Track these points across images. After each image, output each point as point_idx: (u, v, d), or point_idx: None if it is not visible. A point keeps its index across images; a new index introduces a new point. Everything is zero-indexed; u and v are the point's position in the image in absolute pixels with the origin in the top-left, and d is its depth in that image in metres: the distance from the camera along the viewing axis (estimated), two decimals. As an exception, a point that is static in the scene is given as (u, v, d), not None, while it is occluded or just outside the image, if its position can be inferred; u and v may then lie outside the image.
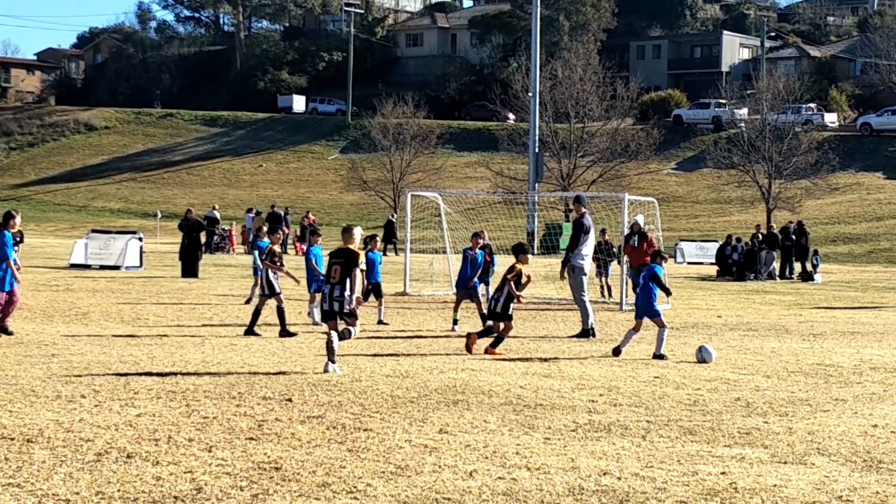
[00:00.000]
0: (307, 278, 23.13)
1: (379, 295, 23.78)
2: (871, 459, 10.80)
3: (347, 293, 15.72)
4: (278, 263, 21.30)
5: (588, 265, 22.53)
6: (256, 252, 26.00)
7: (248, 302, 26.92)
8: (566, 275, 22.69)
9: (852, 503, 9.19)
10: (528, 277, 19.25)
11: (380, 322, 23.35)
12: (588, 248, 22.77)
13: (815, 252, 52.26)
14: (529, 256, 19.53)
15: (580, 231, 22.58)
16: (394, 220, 63.14)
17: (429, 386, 14.56)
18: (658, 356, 18.18)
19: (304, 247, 63.45)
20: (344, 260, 15.91)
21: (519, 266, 19.12)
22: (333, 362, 15.71)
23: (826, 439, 11.70)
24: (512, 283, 18.84)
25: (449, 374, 15.68)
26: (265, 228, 28.26)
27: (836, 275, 49.27)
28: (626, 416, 12.80)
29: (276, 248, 21.92)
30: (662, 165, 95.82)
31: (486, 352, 18.46)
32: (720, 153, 78.94)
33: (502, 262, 27.28)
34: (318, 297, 22.16)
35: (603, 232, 33.66)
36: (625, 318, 26.68)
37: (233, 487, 9.13)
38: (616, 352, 18.50)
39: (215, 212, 61.17)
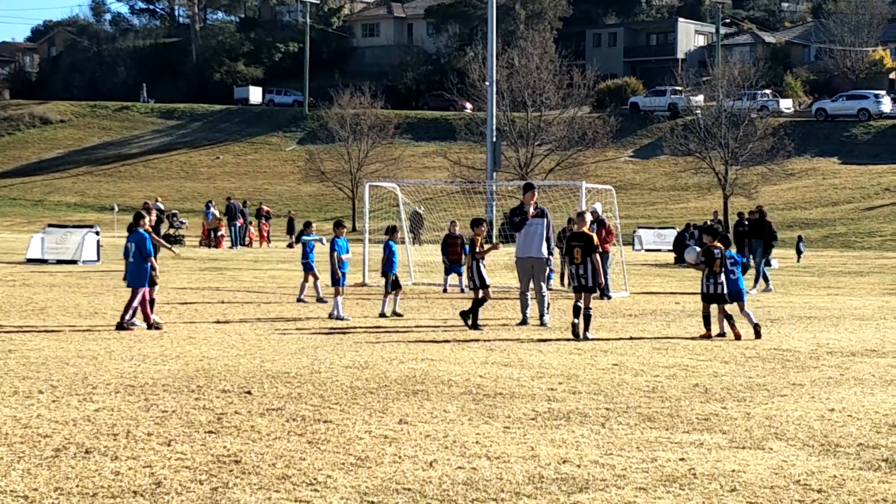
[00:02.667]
0: (331, 271, 22.93)
1: (397, 286, 24.02)
2: (828, 443, 10.88)
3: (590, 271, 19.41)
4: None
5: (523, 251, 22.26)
6: (306, 247, 25.83)
7: (320, 300, 26.36)
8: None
9: (810, 487, 9.25)
10: (493, 245, 21.72)
11: (394, 314, 23.46)
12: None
13: (800, 238, 52.61)
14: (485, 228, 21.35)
15: (548, 221, 22.41)
16: (420, 212, 62.44)
17: (388, 377, 14.56)
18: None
19: (294, 238, 63.47)
20: (583, 243, 19.55)
21: (478, 238, 21.38)
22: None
23: (784, 424, 11.78)
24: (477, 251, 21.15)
25: (409, 365, 15.69)
26: (314, 224, 27.78)
27: (791, 260, 49.57)
28: (586, 403, 12.84)
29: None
30: (620, 153, 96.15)
31: (461, 314, 20.96)
32: (677, 140, 79.23)
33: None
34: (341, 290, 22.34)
35: (570, 221, 33.71)
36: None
37: (192, 481, 9.10)
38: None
39: (159, 204, 60.67)
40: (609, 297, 28.70)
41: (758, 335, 19.64)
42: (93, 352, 16.67)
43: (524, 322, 21.75)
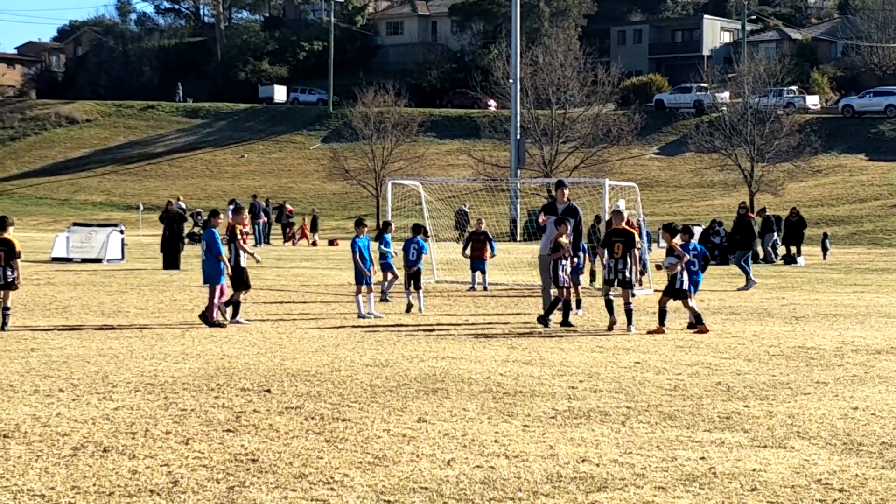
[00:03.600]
0: (355, 270, 22.92)
1: (418, 285, 24.25)
2: (850, 442, 10.79)
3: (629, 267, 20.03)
4: None
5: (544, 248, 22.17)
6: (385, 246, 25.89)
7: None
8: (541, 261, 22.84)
9: (832, 486, 9.17)
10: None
11: (409, 308, 23.73)
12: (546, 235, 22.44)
13: (826, 235, 52.38)
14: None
15: (579, 218, 22.41)
16: (466, 209, 62.23)
17: (408, 375, 14.52)
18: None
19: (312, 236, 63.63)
20: (624, 239, 20.12)
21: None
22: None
23: (806, 423, 11.68)
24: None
25: (429, 363, 15.64)
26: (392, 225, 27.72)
27: (817, 257, 49.31)
28: (606, 402, 12.77)
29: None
30: (644, 150, 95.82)
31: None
32: (702, 137, 78.89)
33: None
34: (364, 289, 22.30)
35: (598, 219, 33.59)
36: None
37: (209, 480, 9.08)
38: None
39: (181, 203, 60.70)
40: (633, 295, 28.54)
41: (691, 326, 20.39)
42: (114, 350, 16.68)
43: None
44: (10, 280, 19.49)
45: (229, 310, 21.16)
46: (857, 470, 9.69)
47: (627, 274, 20.19)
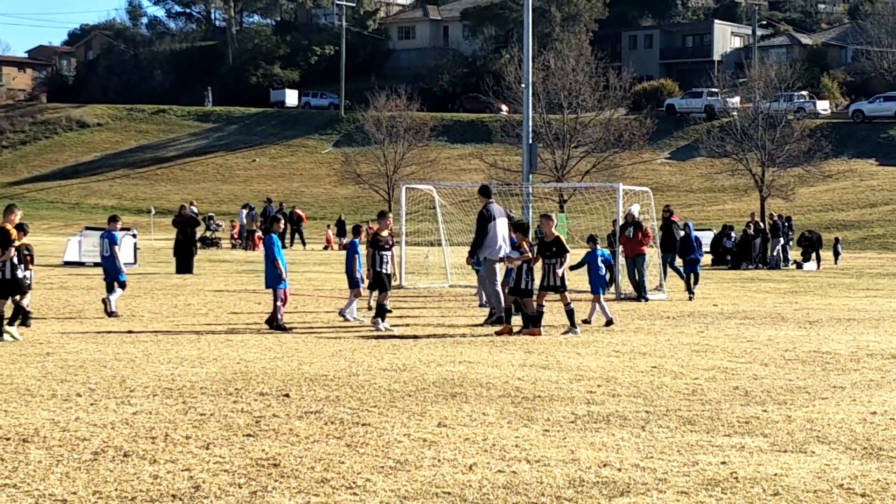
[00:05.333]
0: (348, 274, 23.07)
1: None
2: (870, 447, 10.76)
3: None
4: None
5: (501, 252, 22.04)
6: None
7: None
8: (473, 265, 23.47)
9: (853, 491, 9.15)
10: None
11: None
12: (497, 237, 22.37)
13: (837, 240, 52.32)
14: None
15: (483, 223, 22.41)
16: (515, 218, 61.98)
17: (426, 379, 14.51)
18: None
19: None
20: (555, 247, 20.14)
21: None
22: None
23: (825, 427, 11.66)
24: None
25: (446, 367, 15.64)
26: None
27: (829, 262, 49.24)
28: (625, 406, 12.76)
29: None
30: (656, 155, 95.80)
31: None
32: (713, 142, 78.77)
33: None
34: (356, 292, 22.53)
35: (615, 223, 33.56)
36: (620, 307, 26.67)
37: (231, 485, 9.08)
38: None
39: (193, 207, 60.77)
40: (646, 300, 28.58)
41: (589, 322, 22.32)
42: (130, 354, 16.69)
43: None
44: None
45: (369, 312, 22.26)
46: (879, 475, 9.67)
47: (558, 280, 20.20)
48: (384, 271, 21.29)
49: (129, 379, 14.24)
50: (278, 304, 20.88)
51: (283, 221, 23.75)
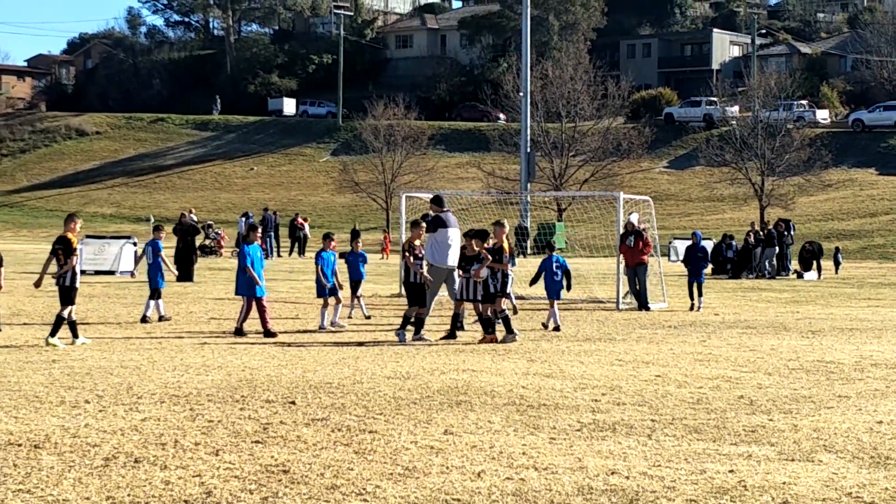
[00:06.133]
0: (317, 283, 23.30)
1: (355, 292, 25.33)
2: (878, 456, 10.80)
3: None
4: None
5: (452, 260, 21.73)
6: None
7: None
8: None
9: (862, 499, 9.18)
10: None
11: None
12: (453, 245, 22.03)
13: (838, 249, 52.32)
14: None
15: (441, 223, 22.27)
16: (526, 225, 62.12)
17: (431, 387, 14.54)
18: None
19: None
20: (496, 256, 20.40)
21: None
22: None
23: (832, 436, 11.69)
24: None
25: (450, 375, 15.67)
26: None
27: (829, 271, 49.28)
28: (631, 415, 12.79)
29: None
30: (654, 164, 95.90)
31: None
32: (712, 151, 78.99)
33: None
34: (333, 301, 22.62)
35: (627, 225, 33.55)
36: (622, 317, 26.72)
37: (242, 490, 9.11)
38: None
39: (192, 215, 60.76)
40: (648, 309, 28.62)
41: (546, 326, 23.12)
42: (136, 362, 16.73)
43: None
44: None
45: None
46: (887, 483, 9.71)
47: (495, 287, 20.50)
48: (419, 281, 20.97)
49: (135, 386, 14.28)
50: (260, 311, 21.09)
51: (259, 231, 23.83)
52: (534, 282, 24.21)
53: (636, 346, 19.84)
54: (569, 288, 24.11)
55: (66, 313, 19.16)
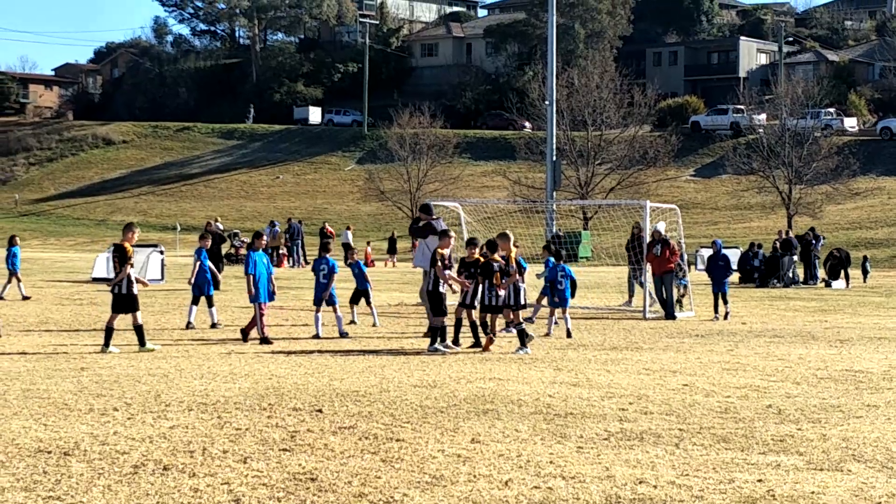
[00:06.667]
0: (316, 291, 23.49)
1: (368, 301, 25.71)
2: (907, 465, 10.75)
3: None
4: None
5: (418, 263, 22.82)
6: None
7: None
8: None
9: (891, 509, 9.15)
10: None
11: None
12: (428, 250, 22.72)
13: (866, 258, 52.07)
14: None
15: (430, 229, 23.08)
16: (561, 233, 62.36)
17: (457, 395, 14.54)
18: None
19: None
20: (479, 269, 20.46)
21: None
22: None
23: (861, 446, 11.64)
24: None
25: (477, 384, 15.67)
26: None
27: (857, 280, 49.06)
28: (658, 424, 12.76)
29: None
30: (681, 172, 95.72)
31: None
32: (739, 159, 78.81)
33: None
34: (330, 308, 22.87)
35: (639, 227, 33.47)
36: (648, 326, 26.67)
37: (270, 498, 9.13)
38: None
39: (219, 224, 60.93)
40: (674, 318, 28.55)
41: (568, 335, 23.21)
42: (163, 370, 16.78)
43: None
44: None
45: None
46: (917, 493, 9.66)
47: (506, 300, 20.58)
48: (442, 290, 20.81)
49: (163, 394, 14.32)
50: (260, 316, 21.16)
51: (265, 238, 24.16)
52: (545, 291, 24.55)
53: (663, 355, 19.80)
54: (571, 296, 24.41)
55: (114, 322, 19.44)
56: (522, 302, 21.44)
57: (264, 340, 21.01)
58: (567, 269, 24.48)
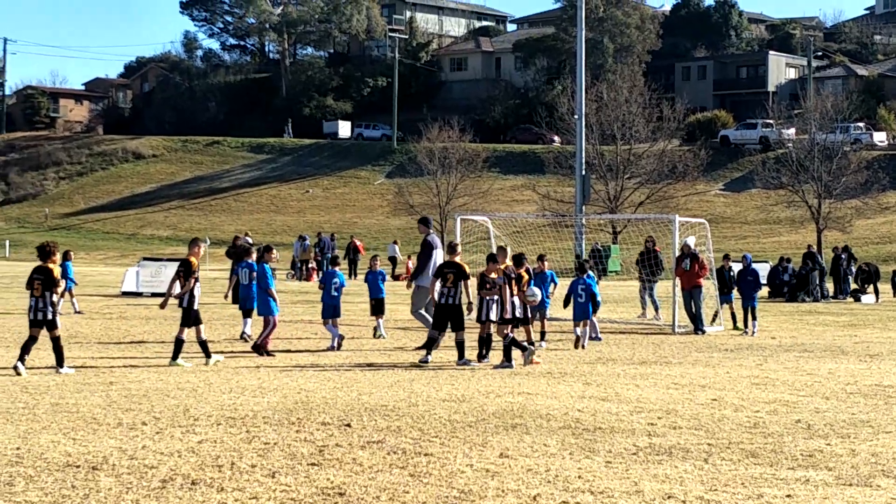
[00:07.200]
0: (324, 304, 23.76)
1: (381, 311, 26.01)
2: (938, 481, 10.69)
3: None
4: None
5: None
6: None
7: None
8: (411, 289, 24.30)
9: (922, 525, 9.10)
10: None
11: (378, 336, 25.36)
12: (432, 266, 23.23)
13: (895, 273, 51.80)
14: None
15: (429, 250, 23.32)
16: (600, 247, 62.33)
17: (486, 410, 14.54)
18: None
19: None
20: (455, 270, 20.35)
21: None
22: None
23: (890, 461, 11.58)
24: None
25: (506, 398, 15.66)
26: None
27: (887, 294, 48.79)
28: (687, 438, 12.73)
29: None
30: (710, 186, 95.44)
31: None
32: (768, 173, 78.48)
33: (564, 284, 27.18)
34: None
35: (652, 241, 33.43)
36: (678, 340, 26.60)
37: (298, 513, 9.15)
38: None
39: (248, 238, 60.91)
40: (703, 332, 28.46)
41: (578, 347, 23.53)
42: (192, 384, 16.83)
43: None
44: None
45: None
46: (947, 510, 9.61)
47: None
48: (457, 303, 20.72)
49: (192, 408, 14.37)
50: (270, 329, 21.33)
51: (275, 252, 24.49)
52: (566, 304, 24.58)
53: (692, 370, 19.74)
54: (594, 311, 24.40)
55: (184, 335, 19.74)
56: (508, 316, 20.47)
57: (260, 349, 21.32)
58: (590, 282, 24.68)
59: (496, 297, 20.38)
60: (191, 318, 19.75)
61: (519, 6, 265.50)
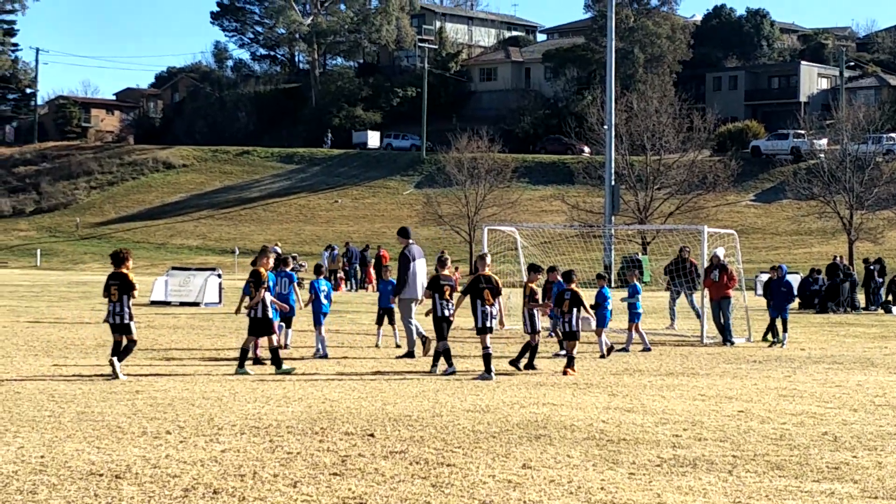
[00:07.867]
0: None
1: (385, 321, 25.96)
2: (965, 495, 10.58)
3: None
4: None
5: (419, 292, 23.29)
6: None
7: None
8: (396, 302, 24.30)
9: (948, 539, 9.00)
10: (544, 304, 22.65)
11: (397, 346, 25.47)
12: (418, 276, 23.60)
13: None
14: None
15: (405, 264, 23.54)
16: (637, 257, 62.31)
17: (510, 421, 14.49)
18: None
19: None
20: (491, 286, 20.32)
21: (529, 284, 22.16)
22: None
23: (918, 474, 11.48)
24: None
25: (530, 409, 15.61)
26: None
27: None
28: (712, 450, 12.65)
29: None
30: (741, 197, 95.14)
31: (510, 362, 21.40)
32: (800, 184, 78.17)
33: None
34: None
35: (687, 251, 33.25)
36: (706, 351, 26.48)
37: (319, 523, 9.13)
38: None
39: (277, 247, 60.91)
40: (732, 343, 28.33)
41: (603, 356, 23.97)
42: (217, 393, 16.84)
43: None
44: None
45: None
46: (974, 524, 9.51)
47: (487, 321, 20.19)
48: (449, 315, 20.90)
49: (216, 417, 14.37)
50: (273, 337, 21.08)
51: (291, 263, 25.06)
52: (594, 307, 24.63)
53: (719, 381, 19.63)
54: (600, 324, 24.62)
55: (249, 345, 20.07)
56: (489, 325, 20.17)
57: (257, 360, 21.42)
58: (605, 291, 25.11)
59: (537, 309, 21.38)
60: (262, 327, 19.93)
61: (549, 16, 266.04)
